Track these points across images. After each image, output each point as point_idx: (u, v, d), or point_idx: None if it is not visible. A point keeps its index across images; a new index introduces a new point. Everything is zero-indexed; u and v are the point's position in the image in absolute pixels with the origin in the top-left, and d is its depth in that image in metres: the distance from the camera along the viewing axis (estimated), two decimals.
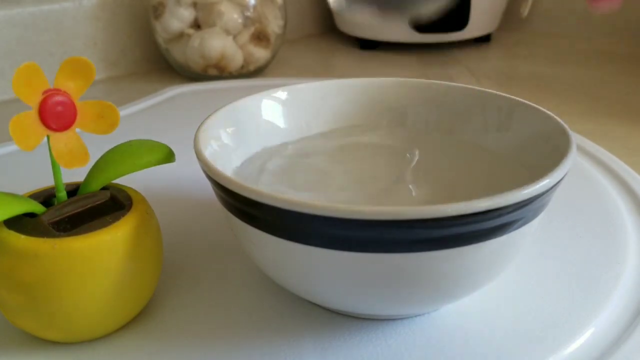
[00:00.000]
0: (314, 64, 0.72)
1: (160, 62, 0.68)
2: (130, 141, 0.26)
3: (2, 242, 0.23)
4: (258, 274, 0.29)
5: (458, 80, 0.62)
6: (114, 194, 0.26)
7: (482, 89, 0.32)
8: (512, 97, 0.30)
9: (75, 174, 0.26)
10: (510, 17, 0.83)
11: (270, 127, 0.32)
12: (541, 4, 0.83)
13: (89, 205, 0.25)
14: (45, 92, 0.23)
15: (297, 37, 0.82)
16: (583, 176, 0.38)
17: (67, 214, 0.24)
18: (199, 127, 0.27)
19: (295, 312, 0.26)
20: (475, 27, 0.73)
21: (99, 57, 0.64)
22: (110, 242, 0.23)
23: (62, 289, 0.23)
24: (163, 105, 0.54)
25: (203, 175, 0.24)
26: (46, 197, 0.26)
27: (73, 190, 0.26)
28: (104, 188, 0.26)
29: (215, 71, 0.62)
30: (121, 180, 0.26)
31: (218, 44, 0.59)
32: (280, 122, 0.32)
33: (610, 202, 0.35)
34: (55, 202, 0.25)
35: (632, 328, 0.25)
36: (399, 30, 0.71)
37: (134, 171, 0.25)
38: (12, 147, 0.43)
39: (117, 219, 0.24)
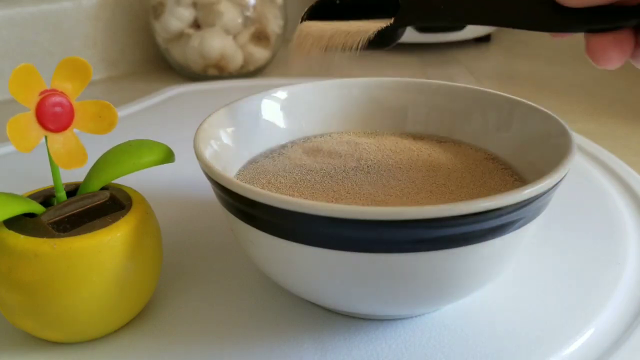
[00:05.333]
0: (314, 64, 0.72)
1: (160, 62, 0.68)
2: (129, 141, 0.26)
3: (2, 242, 0.23)
4: (258, 274, 0.29)
5: (458, 80, 0.62)
6: (113, 194, 0.26)
7: (482, 88, 0.32)
8: (512, 97, 0.30)
9: (74, 174, 0.26)
10: None
11: (270, 127, 0.32)
12: None
13: (88, 206, 0.25)
14: (42, 92, 0.23)
15: None
16: (583, 176, 0.38)
17: (67, 214, 0.24)
18: (199, 127, 0.27)
19: (295, 312, 0.26)
20: (475, 26, 0.72)
21: (99, 57, 0.64)
22: (110, 242, 0.23)
23: (62, 289, 0.23)
24: (163, 105, 0.53)
25: (203, 175, 0.24)
26: (46, 198, 0.26)
27: (73, 191, 0.26)
28: (104, 188, 0.26)
29: (215, 71, 0.61)
30: (121, 180, 0.26)
31: (218, 43, 0.59)
32: (280, 122, 0.32)
33: (611, 202, 0.35)
34: (55, 203, 0.25)
35: (632, 328, 0.25)
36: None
37: (133, 171, 0.25)
38: (12, 148, 0.43)
39: (116, 219, 0.24)
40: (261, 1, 0.61)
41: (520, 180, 0.28)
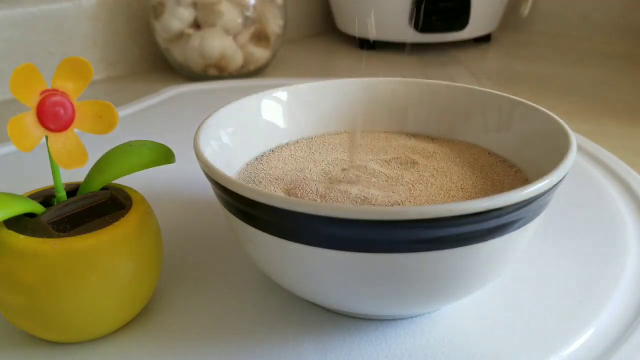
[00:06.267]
0: (314, 64, 0.72)
1: (160, 62, 0.68)
2: (130, 142, 0.26)
3: (2, 242, 0.23)
4: (258, 274, 0.29)
5: (458, 80, 0.62)
6: (113, 194, 0.26)
7: (483, 88, 0.32)
8: (512, 97, 0.30)
9: (75, 174, 0.26)
10: (510, 17, 0.83)
11: (270, 127, 0.32)
12: (541, 3, 0.83)
13: (88, 205, 0.25)
14: (43, 92, 0.23)
15: (297, 37, 0.82)
16: (583, 176, 0.38)
17: (67, 214, 0.24)
18: (199, 127, 0.27)
19: (295, 312, 0.26)
20: (475, 27, 0.73)
21: (99, 57, 0.64)
22: (110, 242, 0.23)
23: (62, 289, 0.23)
24: (163, 105, 0.54)
25: (203, 175, 0.24)
26: (46, 197, 0.26)
27: (73, 191, 0.26)
28: (104, 188, 0.26)
29: (215, 71, 0.61)
30: (121, 180, 0.26)
31: (218, 43, 0.59)
32: (280, 122, 0.32)
33: (611, 202, 0.35)
34: (55, 202, 0.25)
35: (632, 328, 0.25)
36: (399, 30, 0.71)
37: (133, 172, 0.25)
38: (12, 147, 0.43)
39: (116, 219, 0.24)
40: (261, 1, 0.61)
41: (520, 171, 0.28)
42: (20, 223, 0.23)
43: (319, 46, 0.80)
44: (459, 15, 0.70)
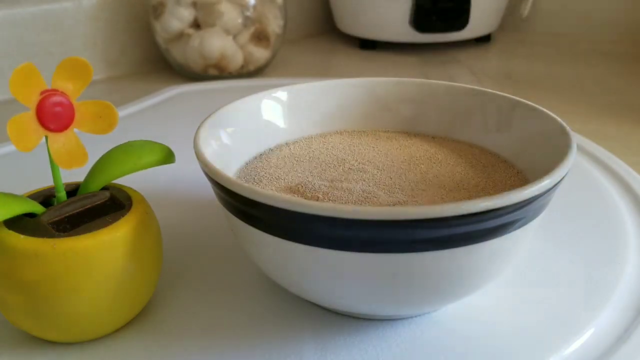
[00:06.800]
0: (314, 64, 0.72)
1: (160, 62, 0.68)
2: (130, 141, 0.26)
3: (2, 242, 0.23)
4: (258, 274, 0.29)
5: (458, 80, 0.62)
6: (113, 194, 0.26)
7: (483, 88, 0.32)
8: (512, 96, 0.30)
9: (75, 174, 0.26)
10: (510, 17, 0.83)
11: (270, 127, 0.32)
12: (541, 3, 0.83)
13: (88, 206, 0.25)
14: (42, 92, 0.23)
15: (297, 37, 0.82)
16: (583, 176, 0.38)
17: (67, 214, 0.24)
18: (199, 127, 0.27)
19: (295, 312, 0.26)
20: (475, 26, 0.73)
21: (99, 57, 0.64)
22: (110, 242, 0.23)
23: (62, 289, 0.23)
24: (163, 105, 0.53)
25: (203, 175, 0.24)
26: (46, 197, 0.26)
27: (73, 191, 0.26)
28: (104, 188, 0.26)
29: (215, 71, 0.61)
30: (121, 180, 0.26)
31: (218, 43, 0.59)
32: (280, 122, 0.32)
33: (611, 202, 0.35)
34: (55, 202, 0.25)
35: (632, 328, 0.25)
36: (399, 30, 0.71)
37: (133, 171, 0.25)
38: (12, 147, 0.43)
39: (116, 219, 0.24)
40: (261, 1, 0.61)
41: (519, 180, 0.28)
42: (20, 223, 0.23)
43: (319, 46, 0.80)
44: (459, 15, 0.70)
